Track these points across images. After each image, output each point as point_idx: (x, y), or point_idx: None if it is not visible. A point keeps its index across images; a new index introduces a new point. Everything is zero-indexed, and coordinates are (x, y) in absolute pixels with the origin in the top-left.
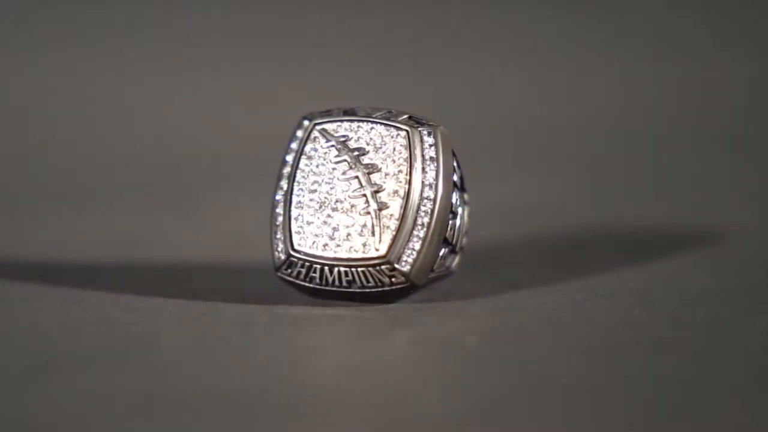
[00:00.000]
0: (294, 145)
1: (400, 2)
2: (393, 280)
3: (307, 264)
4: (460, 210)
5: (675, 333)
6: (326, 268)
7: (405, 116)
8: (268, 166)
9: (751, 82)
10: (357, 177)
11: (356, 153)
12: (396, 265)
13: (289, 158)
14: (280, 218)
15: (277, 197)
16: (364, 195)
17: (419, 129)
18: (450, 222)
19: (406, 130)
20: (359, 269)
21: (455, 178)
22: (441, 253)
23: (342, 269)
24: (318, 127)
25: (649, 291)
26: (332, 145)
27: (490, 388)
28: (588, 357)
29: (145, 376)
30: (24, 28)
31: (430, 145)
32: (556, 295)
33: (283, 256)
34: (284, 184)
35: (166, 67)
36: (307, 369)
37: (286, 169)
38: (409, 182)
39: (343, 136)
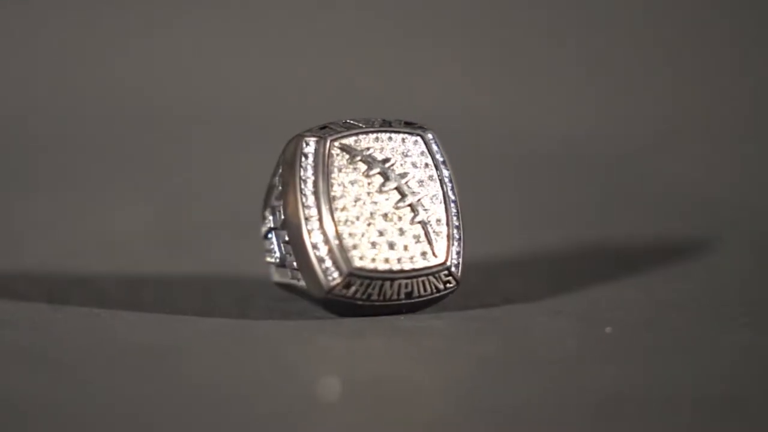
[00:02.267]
0: (309, 164)
1: None
2: (447, 285)
3: (366, 281)
4: None
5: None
6: (387, 282)
7: (402, 122)
8: None
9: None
10: (397, 188)
11: (386, 165)
12: (452, 270)
13: (309, 176)
14: (321, 238)
15: (310, 218)
16: (410, 205)
17: (426, 134)
18: None
19: (420, 135)
20: (420, 279)
21: None
22: None
23: (403, 281)
24: (336, 143)
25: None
26: (360, 159)
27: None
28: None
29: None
30: None
31: (438, 149)
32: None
33: (337, 277)
34: (311, 203)
35: None
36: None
37: (308, 188)
38: (441, 186)
39: (367, 148)
